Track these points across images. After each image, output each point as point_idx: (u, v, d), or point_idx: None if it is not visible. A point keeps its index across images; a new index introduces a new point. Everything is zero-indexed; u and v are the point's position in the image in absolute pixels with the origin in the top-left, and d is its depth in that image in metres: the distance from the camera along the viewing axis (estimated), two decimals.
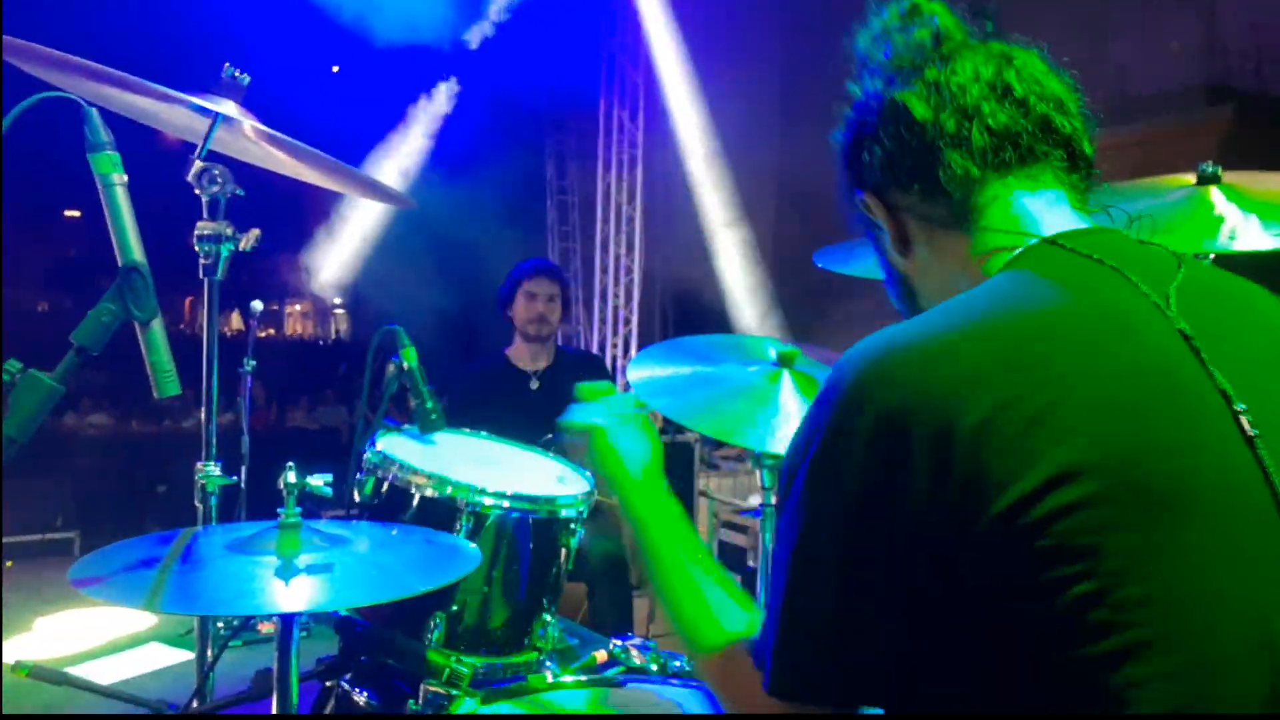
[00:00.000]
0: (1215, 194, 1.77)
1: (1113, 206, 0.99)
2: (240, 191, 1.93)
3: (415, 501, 1.89)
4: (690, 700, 1.67)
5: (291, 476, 1.51)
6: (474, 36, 9.29)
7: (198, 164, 1.89)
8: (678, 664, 1.85)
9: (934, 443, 0.75)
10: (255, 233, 1.94)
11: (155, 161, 2.28)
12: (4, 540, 5.74)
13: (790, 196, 8.48)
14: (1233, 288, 0.93)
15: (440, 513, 1.87)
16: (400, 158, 9.44)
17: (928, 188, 0.93)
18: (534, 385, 3.58)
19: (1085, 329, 0.81)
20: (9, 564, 5.87)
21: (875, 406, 0.78)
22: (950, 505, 0.74)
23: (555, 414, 4.07)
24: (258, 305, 4.29)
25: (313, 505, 1.55)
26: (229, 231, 1.91)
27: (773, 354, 1.94)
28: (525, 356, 3.63)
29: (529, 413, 3.56)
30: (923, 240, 0.97)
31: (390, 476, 1.92)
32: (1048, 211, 0.93)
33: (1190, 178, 1.83)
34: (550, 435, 2.35)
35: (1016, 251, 0.90)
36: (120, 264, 1.22)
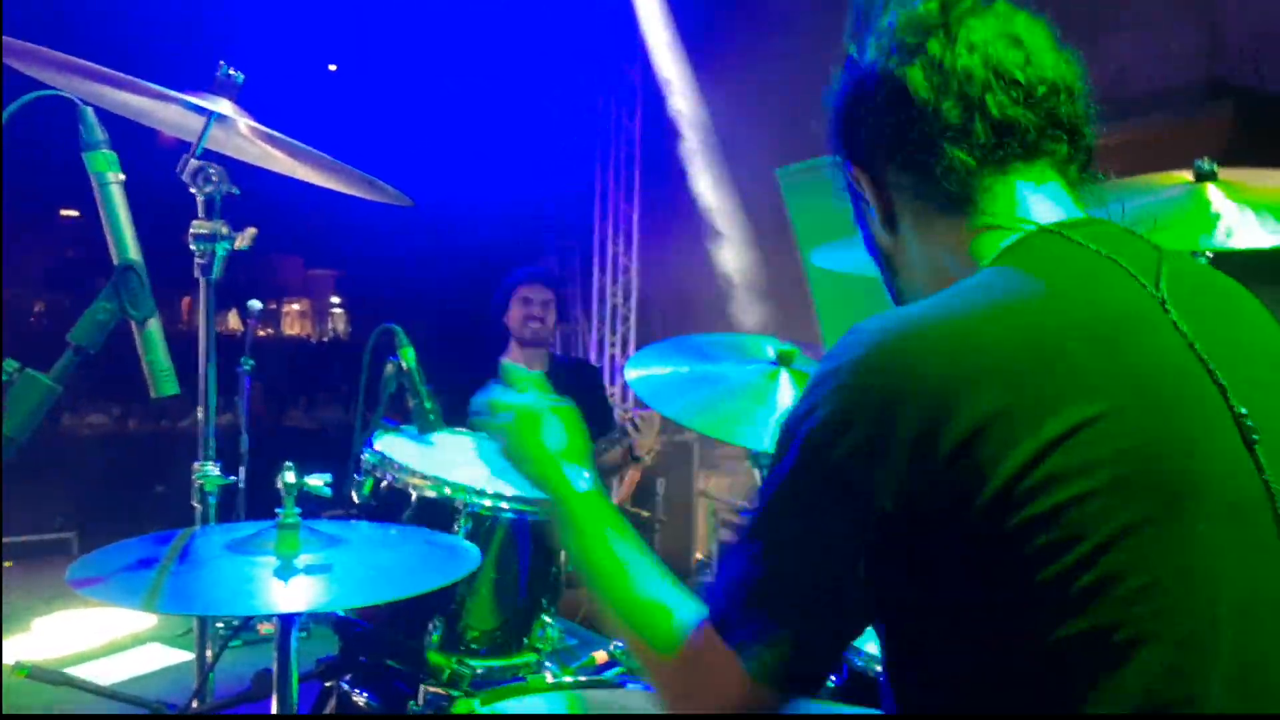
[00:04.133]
0: (1212, 191, 1.77)
1: (1111, 203, 0.98)
2: (236, 190, 1.93)
3: (414, 502, 1.89)
4: None
5: (290, 476, 1.51)
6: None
7: (193, 162, 1.88)
8: None
9: (925, 434, 0.75)
10: (251, 231, 1.94)
11: (151, 160, 2.27)
12: (2, 540, 5.73)
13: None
14: (1215, 282, 0.92)
15: (439, 513, 1.86)
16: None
17: (924, 174, 0.90)
18: None
19: (1090, 325, 0.80)
20: (8, 564, 5.86)
21: (874, 393, 0.78)
22: (936, 494, 0.75)
23: None
24: (255, 304, 4.29)
25: (312, 505, 1.54)
26: (225, 230, 1.90)
27: (771, 353, 1.94)
28: (520, 365, 3.62)
29: None
30: (909, 221, 0.94)
31: (389, 477, 1.92)
32: (1044, 203, 0.90)
33: (1187, 175, 1.82)
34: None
35: (1011, 239, 0.88)
36: (116, 263, 1.22)
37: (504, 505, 1.89)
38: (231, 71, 1.92)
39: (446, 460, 2.02)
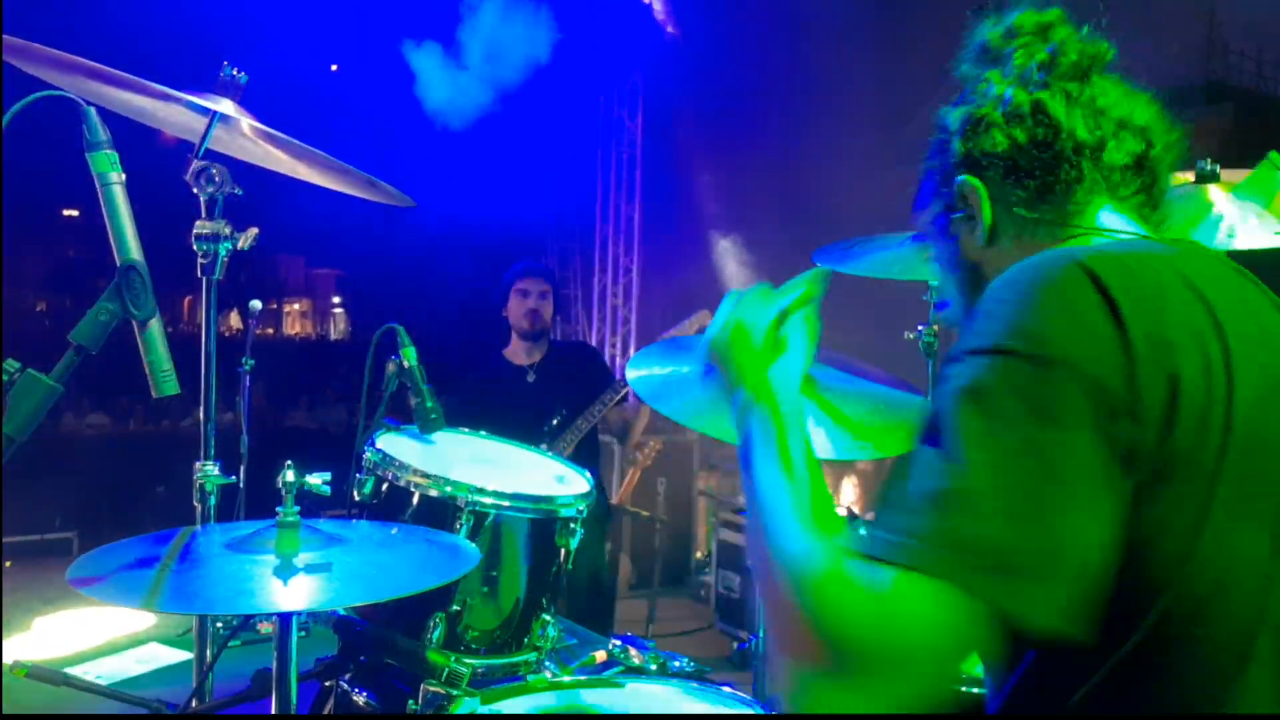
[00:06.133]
0: (1214, 192, 1.78)
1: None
2: (238, 190, 1.93)
3: (415, 501, 1.89)
4: (692, 698, 1.67)
5: (290, 475, 1.51)
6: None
7: (196, 163, 1.89)
8: (677, 664, 1.85)
9: None
10: (253, 231, 1.94)
11: (153, 160, 2.27)
12: (3, 540, 5.74)
13: (791, 194, 8.48)
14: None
15: (440, 512, 1.86)
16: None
17: (1041, 187, 1.01)
18: (530, 378, 3.71)
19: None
20: (8, 564, 5.87)
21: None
22: None
23: (551, 403, 4.17)
24: (256, 304, 4.29)
25: (312, 504, 1.54)
26: (227, 230, 1.91)
27: None
28: (520, 354, 3.77)
29: (527, 404, 3.68)
30: (1011, 234, 1.03)
31: (390, 476, 1.92)
32: (1119, 222, 1.02)
33: (1189, 176, 1.83)
34: (555, 422, 2.36)
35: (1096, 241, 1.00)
36: (118, 263, 1.22)
37: (505, 504, 1.89)
38: (234, 72, 1.93)
39: (448, 459, 2.03)
